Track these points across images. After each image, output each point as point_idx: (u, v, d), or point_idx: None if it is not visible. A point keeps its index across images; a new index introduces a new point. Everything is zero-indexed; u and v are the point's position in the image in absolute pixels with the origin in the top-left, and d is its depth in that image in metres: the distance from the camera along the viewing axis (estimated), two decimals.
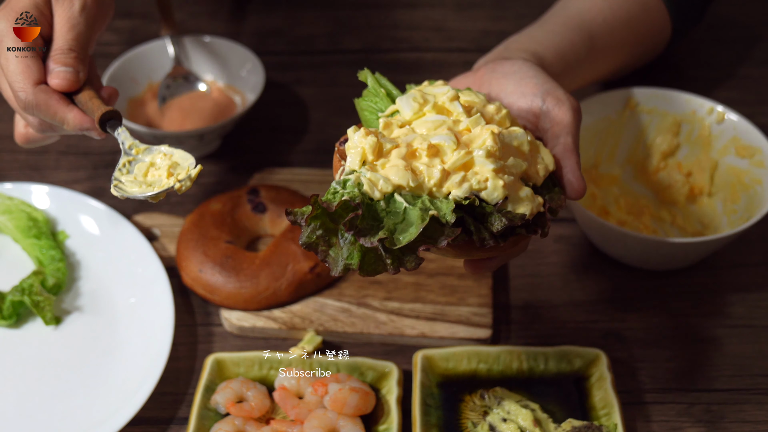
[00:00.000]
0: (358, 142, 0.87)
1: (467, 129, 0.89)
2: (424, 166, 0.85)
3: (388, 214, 0.82)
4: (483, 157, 0.85)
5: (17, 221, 1.21)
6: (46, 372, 1.10)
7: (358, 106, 0.98)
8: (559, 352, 1.08)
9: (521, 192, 0.86)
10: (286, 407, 1.04)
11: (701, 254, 1.18)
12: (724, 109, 1.25)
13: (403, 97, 0.92)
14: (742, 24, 1.62)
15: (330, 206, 0.80)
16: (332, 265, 0.83)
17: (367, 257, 0.82)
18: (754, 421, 1.05)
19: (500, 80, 1.02)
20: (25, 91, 0.99)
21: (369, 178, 0.83)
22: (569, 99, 0.97)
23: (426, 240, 0.81)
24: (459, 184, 0.84)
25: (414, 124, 0.91)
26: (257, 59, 1.40)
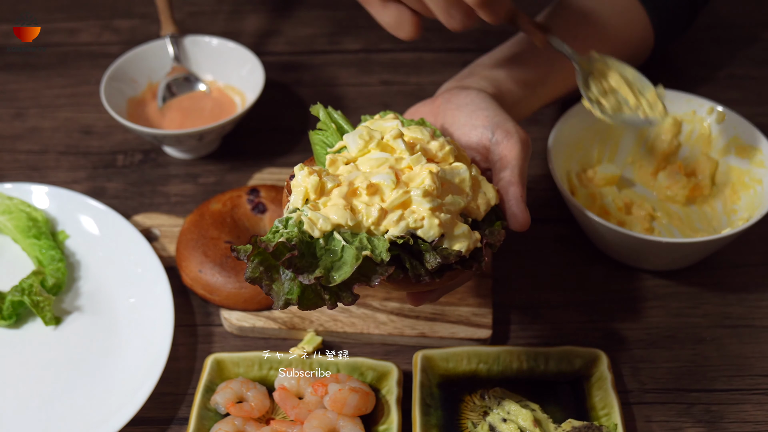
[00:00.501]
0: (302, 180, 0.90)
1: (409, 167, 0.92)
2: (363, 204, 0.88)
3: (326, 252, 0.86)
4: (420, 197, 0.88)
5: (17, 221, 1.21)
6: (46, 372, 1.10)
7: (312, 139, 1.01)
8: (559, 352, 1.08)
9: (457, 229, 0.89)
10: (286, 407, 1.04)
11: (701, 254, 1.18)
12: (724, 109, 1.25)
13: (350, 134, 0.95)
14: (742, 24, 1.62)
15: (268, 247, 0.84)
16: (275, 298, 0.86)
17: (306, 293, 0.85)
18: (754, 421, 1.05)
19: (454, 112, 1.05)
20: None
21: (309, 218, 0.86)
22: (518, 131, 1.00)
23: (360, 278, 0.85)
24: (396, 223, 0.87)
25: (359, 161, 0.94)
26: (257, 59, 1.40)
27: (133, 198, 1.33)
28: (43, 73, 1.55)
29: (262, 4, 1.69)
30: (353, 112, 1.47)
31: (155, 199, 1.33)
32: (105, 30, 1.64)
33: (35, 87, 1.52)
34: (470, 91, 1.08)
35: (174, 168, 1.38)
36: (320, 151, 0.99)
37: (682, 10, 1.36)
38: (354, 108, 1.48)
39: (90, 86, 1.51)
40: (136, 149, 1.41)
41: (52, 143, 1.42)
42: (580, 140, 1.27)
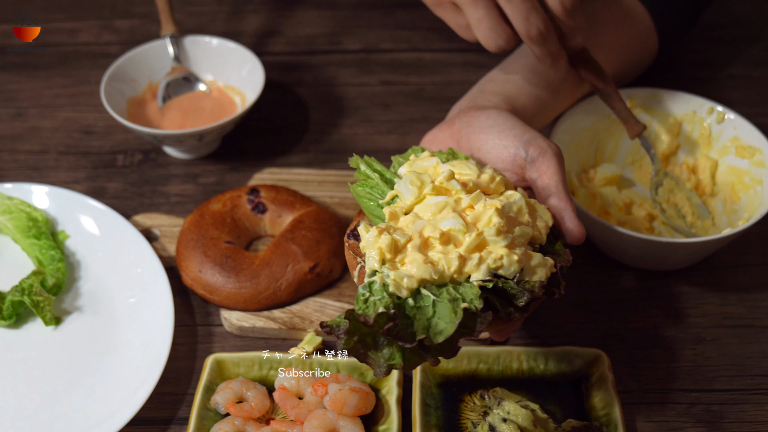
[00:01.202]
0: (374, 242, 0.88)
1: (470, 206, 0.91)
2: (440, 254, 0.87)
3: (418, 311, 0.84)
4: (494, 236, 0.88)
5: (17, 221, 1.21)
6: (46, 372, 1.10)
7: (355, 193, 0.99)
8: (559, 352, 1.08)
9: (533, 260, 0.89)
10: (286, 407, 1.04)
11: (701, 254, 1.18)
12: (724, 109, 1.25)
13: (401, 183, 0.94)
14: (742, 24, 1.62)
15: (368, 320, 0.82)
16: (374, 365, 0.85)
17: (408, 355, 0.85)
18: (754, 421, 1.05)
19: (479, 135, 1.04)
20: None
21: (394, 279, 0.85)
22: (551, 146, 1.00)
23: (462, 331, 0.84)
24: (477, 267, 0.86)
25: (416, 208, 0.93)
26: (257, 59, 1.40)
27: (133, 198, 1.33)
28: (43, 73, 1.55)
29: (262, 4, 1.69)
30: (353, 113, 1.47)
31: (155, 199, 1.33)
32: (105, 30, 1.64)
33: (35, 87, 1.52)
34: (489, 110, 1.06)
35: (174, 168, 1.38)
36: (368, 204, 0.97)
37: (685, 16, 1.36)
38: (354, 108, 1.48)
39: (90, 86, 1.51)
40: (136, 149, 1.41)
41: (52, 143, 1.42)
42: (581, 140, 1.27)
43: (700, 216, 1.21)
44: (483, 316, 0.84)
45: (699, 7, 1.38)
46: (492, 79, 1.19)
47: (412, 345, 0.82)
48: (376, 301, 0.84)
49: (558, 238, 0.95)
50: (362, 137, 1.43)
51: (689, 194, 1.23)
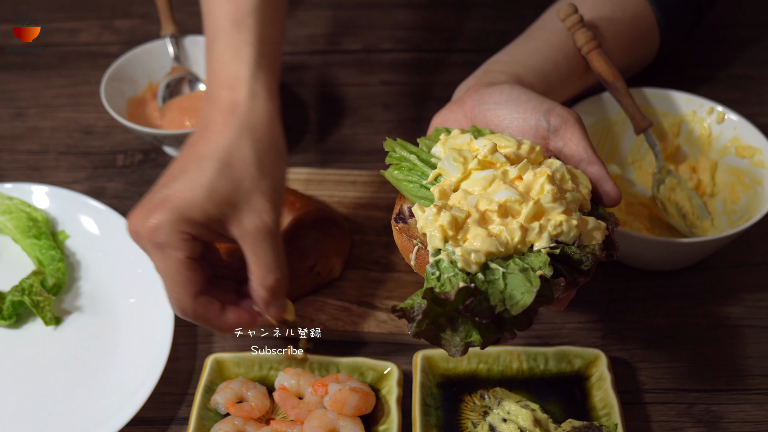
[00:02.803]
0: (434, 220, 0.87)
1: (518, 177, 0.90)
2: (500, 227, 0.86)
3: (489, 284, 0.83)
4: (550, 203, 0.87)
5: (17, 221, 1.21)
6: (46, 372, 1.10)
7: (391, 177, 0.96)
8: (559, 352, 1.08)
9: (589, 224, 0.88)
10: (286, 407, 1.04)
11: (701, 254, 1.18)
12: (724, 110, 1.25)
13: (444, 160, 0.92)
14: (742, 24, 1.62)
15: (449, 297, 0.81)
16: (449, 346, 0.84)
17: (484, 331, 0.83)
18: (754, 421, 1.05)
19: (495, 111, 1.01)
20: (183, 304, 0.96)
21: (461, 255, 0.83)
22: (571, 113, 0.98)
23: (540, 300, 0.83)
24: (539, 235, 0.86)
25: (463, 185, 0.91)
26: None
27: (133, 198, 1.33)
28: (43, 73, 1.55)
29: None
30: (353, 113, 1.47)
31: None
32: (105, 30, 1.64)
33: (35, 87, 1.53)
34: (501, 85, 1.04)
35: None
36: (409, 186, 0.95)
37: (688, 17, 1.37)
38: (354, 108, 1.48)
39: (90, 86, 1.51)
40: (136, 149, 1.41)
41: (52, 143, 1.42)
42: None
43: (700, 216, 1.21)
44: (556, 282, 0.83)
45: (702, 8, 1.38)
46: (498, 60, 1.18)
47: (490, 320, 0.81)
48: (451, 277, 0.82)
49: (597, 203, 0.94)
50: (362, 137, 1.43)
51: (690, 194, 1.23)
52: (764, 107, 1.45)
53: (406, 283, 1.18)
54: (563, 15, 1.19)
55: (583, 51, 1.19)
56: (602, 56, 1.18)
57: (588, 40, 1.18)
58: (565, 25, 1.19)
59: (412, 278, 1.18)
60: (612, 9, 1.28)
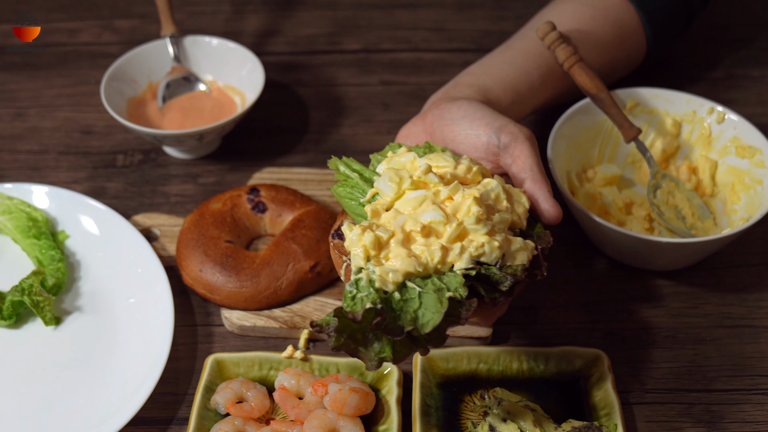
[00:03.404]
0: (357, 240, 0.90)
1: (449, 198, 0.93)
2: (422, 247, 0.89)
3: (405, 303, 0.86)
4: (473, 224, 0.90)
5: (17, 221, 1.21)
6: (46, 372, 1.10)
7: (336, 194, 1.01)
8: (559, 352, 1.08)
9: (514, 245, 0.91)
10: (286, 407, 1.04)
11: (701, 254, 1.18)
12: (724, 110, 1.25)
13: (380, 180, 0.96)
14: (742, 24, 1.62)
15: (356, 317, 0.84)
16: (366, 360, 0.87)
17: (397, 347, 0.86)
18: (754, 421, 1.05)
19: (451, 126, 1.05)
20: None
21: (379, 275, 0.86)
22: (522, 130, 1.01)
23: (449, 319, 0.86)
24: (459, 256, 0.88)
25: (397, 204, 0.94)
26: (257, 59, 1.40)
27: (133, 198, 1.33)
28: (43, 73, 1.55)
29: (262, 4, 1.69)
30: (353, 113, 1.47)
31: (155, 199, 1.33)
32: (105, 30, 1.64)
33: (35, 87, 1.52)
34: (460, 101, 1.08)
35: (174, 168, 1.38)
36: (350, 204, 0.99)
37: (678, 17, 1.37)
38: (354, 108, 1.48)
39: (90, 86, 1.51)
40: (136, 149, 1.41)
41: (52, 143, 1.42)
42: (581, 140, 1.27)
43: (702, 216, 1.21)
44: (468, 303, 0.86)
45: (693, 8, 1.38)
46: (469, 72, 1.21)
47: (401, 337, 0.84)
48: (363, 297, 0.86)
49: (537, 222, 0.98)
50: (362, 137, 1.43)
51: (689, 195, 1.22)
52: (764, 107, 1.45)
53: None
54: (542, 33, 1.21)
55: (564, 67, 1.20)
56: (584, 69, 1.19)
57: (568, 55, 1.19)
58: (545, 43, 1.21)
59: None
60: (592, 13, 1.29)
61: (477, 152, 1.03)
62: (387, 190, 0.95)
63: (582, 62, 1.19)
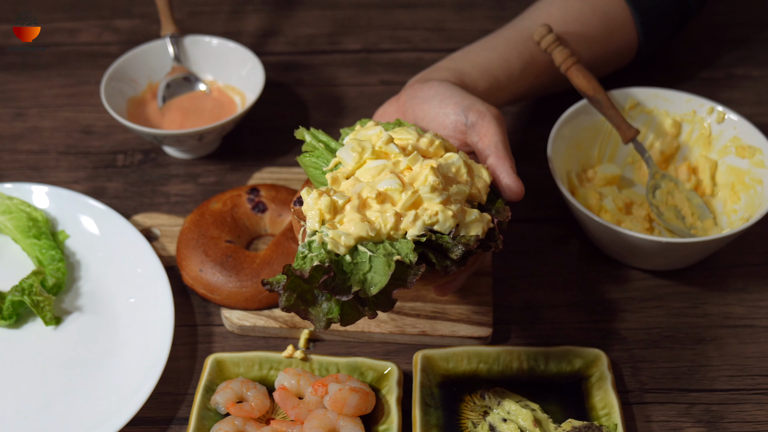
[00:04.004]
0: (313, 203, 0.92)
1: (408, 168, 0.95)
2: (377, 213, 0.91)
3: (355, 266, 0.88)
4: (428, 193, 0.91)
5: (17, 221, 1.21)
6: (46, 372, 1.10)
7: (302, 163, 1.03)
8: (559, 352, 1.08)
9: (469, 216, 0.92)
10: (286, 407, 1.04)
11: (701, 254, 1.18)
12: (724, 109, 1.25)
13: (343, 149, 0.98)
14: (742, 24, 1.62)
15: (303, 273, 0.86)
16: (315, 321, 0.89)
17: (346, 309, 0.88)
18: (754, 421, 1.05)
19: (422, 106, 1.08)
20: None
21: (332, 237, 0.88)
22: (489, 109, 1.03)
23: (396, 283, 0.88)
24: (413, 223, 0.90)
25: (358, 173, 0.96)
26: (257, 59, 1.40)
27: (133, 198, 1.33)
28: (43, 73, 1.55)
29: (262, 4, 1.69)
30: (353, 112, 1.47)
31: (155, 199, 1.33)
32: (105, 30, 1.64)
33: (35, 87, 1.52)
34: (432, 82, 1.10)
35: (174, 168, 1.38)
36: (315, 173, 1.01)
37: (671, 14, 1.37)
38: (354, 108, 1.48)
39: (90, 86, 1.51)
40: (136, 149, 1.41)
41: (52, 143, 1.42)
42: (581, 140, 1.27)
43: (701, 216, 1.21)
44: (416, 268, 0.88)
45: (689, 8, 1.38)
46: (451, 57, 1.23)
47: (348, 298, 0.85)
48: (313, 257, 0.88)
49: (499, 197, 0.99)
50: None
51: (689, 195, 1.22)
52: (764, 107, 1.45)
53: None
54: (538, 36, 1.21)
55: (561, 69, 1.21)
56: (581, 72, 1.19)
57: (565, 57, 1.20)
58: (541, 46, 1.21)
59: None
60: (581, 6, 1.30)
61: (445, 130, 1.05)
62: (348, 159, 0.97)
63: (579, 64, 1.19)
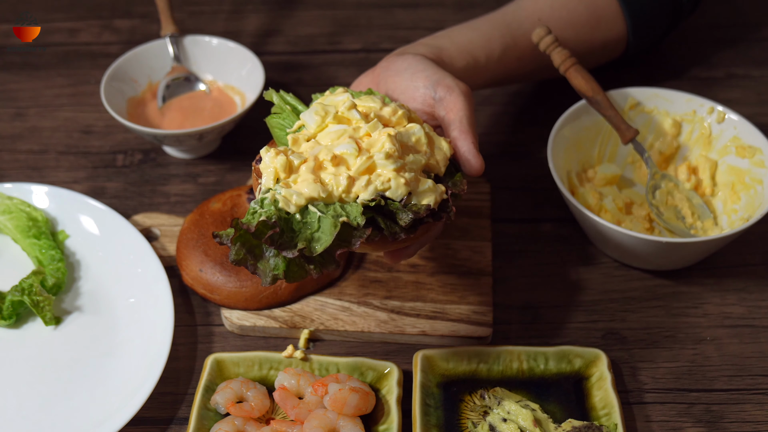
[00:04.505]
0: (270, 161, 0.93)
1: (367, 134, 0.96)
2: (331, 175, 0.92)
3: (304, 225, 0.89)
4: (383, 159, 0.93)
5: (17, 221, 1.21)
6: (46, 372, 1.10)
7: (269, 124, 1.04)
8: (559, 352, 1.08)
9: (422, 185, 0.93)
10: (286, 407, 1.04)
11: (701, 254, 1.18)
12: (724, 109, 1.25)
13: (307, 112, 0.99)
14: (742, 24, 1.62)
15: (250, 227, 0.87)
16: (262, 276, 0.90)
17: (291, 266, 0.89)
18: (754, 421, 1.05)
19: (394, 78, 1.09)
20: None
21: (283, 195, 0.90)
22: (458, 84, 1.04)
23: (341, 244, 0.89)
24: (365, 188, 0.91)
25: (319, 136, 0.97)
26: (257, 59, 1.40)
27: (133, 198, 1.33)
28: (43, 73, 1.55)
29: (262, 4, 1.69)
30: None
31: (155, 198, 1.33)
32: (105, 30, 1.64)
33: (35, 87, 1.52)
34: (407, 56, 1.11)
35: (174, 168, 1.38)
36: (279, 134, 1.03)
37: (661, 8, 1.37)
38: None
39: (90, 86, 1.51)
40: (136, 149, 1.41)
41: (52, 143, 1.42)
42: (581, 140, 1.27)
43: (702, 216, 1.21)
44: (362, 230, 0.89)
45: (681, 5, 1.38)
46: (435, 35, 1.23)
47: (294, 255, 0.87)
48: (262, 212, 0.89)
49: (459, 171, 1.00)
50: None
51: (689, 195, 1.22)
52: (764, 107, 1.45)
53: (405, 283, 1.18)
54: (537, 38, 1.21)
55: (560, 70, 1.21)
56: (580, 73, 1.20)
57: (564, 58, 1.20)
58: (540, 47, 1.21)
59: (412, 278, 1.18)
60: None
61: (414, 103, 1.06)
62: (311, 122, 0.98)
63: (578, 65, 1.19)
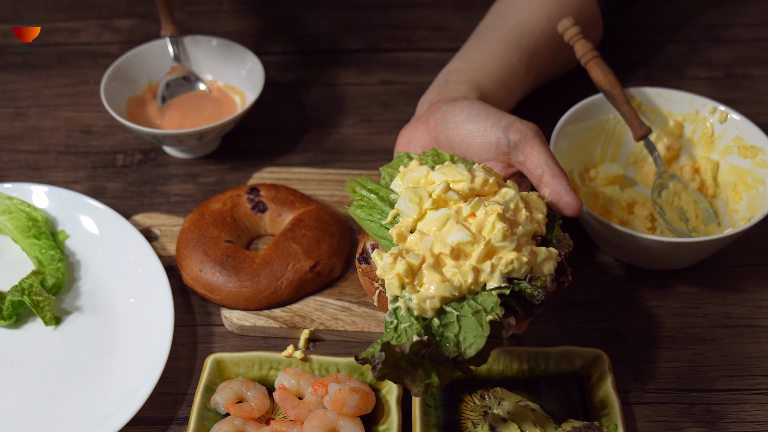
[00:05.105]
0: (390, 268, 0.91)
1: (471, 215, 0.93)
2: (454, 269, 0.90)
3: (445, 328, 0.87)
4: (501, 242, 0.90)
5: (17, 221, 1.21)
6: (46, 372, 1.10)
7: (355, 215, 1.01)
8: (559, 352, 1.08)
9: (540, 255, 0.91)
10: (286, 407, 1.04)
11: (702, 254, 1.18)
12: (726, 109, 1.25)
13: (401, 201, 0.96)
14: (742, 24, 1.62)
15: (404, 350, 0.85)
16: (411, 387, 0.88)
17: (442, 371, 0.88)
18: (754, 421, 1.05)
19: (456, 130, 1.06)
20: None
21: (417, 303, 0.88)
22: (529, 126, 1.02)
23: (491, 341, 0.87)
24: (491, 275, 0.89)
25: (419, 225, 0.95)
26: (257, 59, 1.40)
27: (132, 198, 1.33)
28: (43, 73, 1.55)
29: (262, 4, 1.69)
30: (353, 112, 1.47)
31: (155, 198, 1.33)
32: (105, 30, 1.64)
33: (35, 87, 1.52)
34: (461, 102, 1.08)
35: (174, 168, 1.38)
36: (372, 226, 0.99)
37: None
38: (354, 108, 1.48)
39: (90, 86, 1.51)
40: (136, 149, 1.41)
41: (52, 143, 1.42)
42: (583, 140, 1.27)
43: (706, 220, 1.21)
44: (507, 323, 0.87)
45: None
46: (455, 69, 1.22)
47: (446, 364, 0.85)
48: (407, 328, 0.87)
49: (554, 220, 0.98)
50: (362, 137, 1.43)
51: (697, 197, 1.22)
52: (765, 107, 1.45)
53: None
54: (562, 28, 1.22)
55: (582, 61, 1.21)
56: (600, 66, 1.20)
57: (587, 50, 1.20)
58: (565, 38, 1.22)
59: None
60: None
61: (487, 153, 1.04)
62: (409, 211, 0.95)
63: (599, 58, 1.20)
